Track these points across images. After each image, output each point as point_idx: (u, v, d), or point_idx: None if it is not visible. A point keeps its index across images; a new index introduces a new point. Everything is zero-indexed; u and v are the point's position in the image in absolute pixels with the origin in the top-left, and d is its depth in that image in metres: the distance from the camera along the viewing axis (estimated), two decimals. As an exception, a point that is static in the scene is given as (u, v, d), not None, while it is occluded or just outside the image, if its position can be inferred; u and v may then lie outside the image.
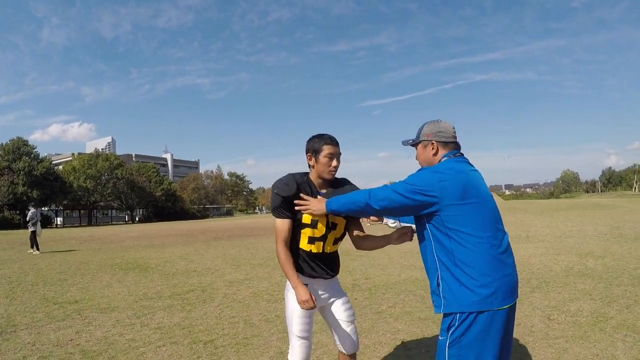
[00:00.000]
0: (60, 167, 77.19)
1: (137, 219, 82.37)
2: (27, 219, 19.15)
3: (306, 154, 3.21)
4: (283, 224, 3.07)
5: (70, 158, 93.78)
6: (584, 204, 42.70)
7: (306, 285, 3.01)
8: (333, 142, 3.13)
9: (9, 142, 63.39)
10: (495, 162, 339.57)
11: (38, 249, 18.13)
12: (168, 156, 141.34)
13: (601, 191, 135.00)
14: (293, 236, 3.13)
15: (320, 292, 3.22)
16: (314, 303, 2.90)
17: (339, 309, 3.26)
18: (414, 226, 2.88)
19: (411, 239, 3.03)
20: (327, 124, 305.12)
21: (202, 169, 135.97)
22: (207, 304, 7.41)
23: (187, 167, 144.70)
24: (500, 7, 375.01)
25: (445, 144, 2.82)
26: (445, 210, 2.49)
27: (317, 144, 3.13)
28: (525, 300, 6.83)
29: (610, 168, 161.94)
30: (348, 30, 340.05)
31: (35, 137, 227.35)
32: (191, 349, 5.20)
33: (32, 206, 22.86)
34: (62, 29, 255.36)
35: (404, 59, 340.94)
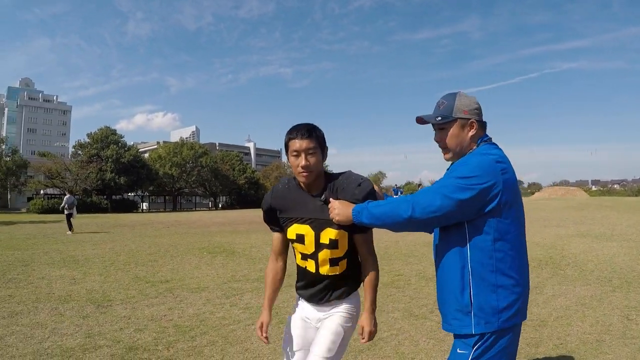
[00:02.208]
0: (146, 155, 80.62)
1: (220, 205, 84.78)
2: (63, 203, 20.94)
3: None
4: (274, 236, 2.78)
5: (156, 146, 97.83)
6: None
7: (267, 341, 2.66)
8: (299, 135, 2.45)
9: (97, 131, 67.05)
10: (581, 156, 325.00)
11: (70, 230, 19.83)
12: (251, 145, 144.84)
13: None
14: (293, 251, 2.76)
15: (309, 319, 2.74)
16: (261, 334, 2.61)
17: (318, 334, 2.63)
18: None
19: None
20: (408, 114, 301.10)
21: (284, 158, 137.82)
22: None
23: (269, 155, 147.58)
24: None
25: (483, 124, 2.41)
26: (499, 208, 2.14)
27: (285, 138, 2.52)
28: (605, 299, 6.71)
29: None
30: (431, 17, 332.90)
31: (121, 126, 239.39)
32: (278, 329, 5.29)
33: (68, 192, 24.64)
34: (146, 23, 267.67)
35: (488, 47, 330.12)
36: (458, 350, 2.25)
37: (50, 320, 5.71)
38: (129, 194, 74.44)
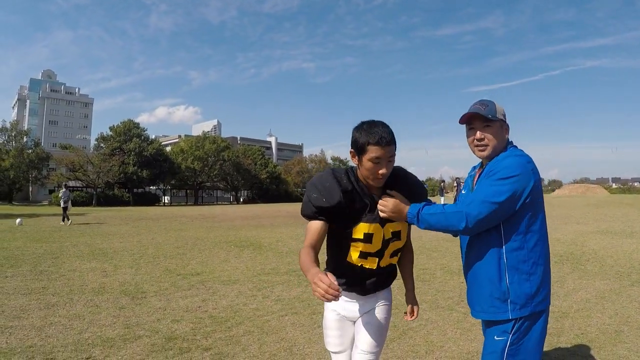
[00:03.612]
0: (168, 148, 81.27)
1: (241, 199, 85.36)
2: (60, 196, 23.13)
3: (350, 148, 2.54)
4: (314, 224, 2.47)
5: (177, 140, 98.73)
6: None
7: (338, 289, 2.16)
8: (382, 142, 2.35)
9: (120, 124, 67.87)
10: (602, 154, 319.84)
11: (63, 221, 21.52)
12: (272, 139, 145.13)
13: None
14: (340, 247, 2.60)
15: (347, 317, 2.72)
16: (331, 280, 1.98)
17: (361, 330, 2.63)
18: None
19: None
20: (431, 109, 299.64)
21: (306, 153, 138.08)
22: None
23: (290, 150, 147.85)
24: None
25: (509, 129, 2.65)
26: (529, 202, 2.37)
27: (361, 139, 2.41)
28: (624, 293, 6.96)
29: None
30: (454, 13, 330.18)
31: (142, 119, 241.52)
32: (311, 319, 5.53)
33: (64, 186, 27.20)
34: (170, 15, 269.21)
35: (510, 44, 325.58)
36: (495, 338, 2.46)
37: (87, 312, 5.86)
38: (151, 187, 75.19)
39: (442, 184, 47.65)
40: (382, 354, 4.48)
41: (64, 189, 23.77)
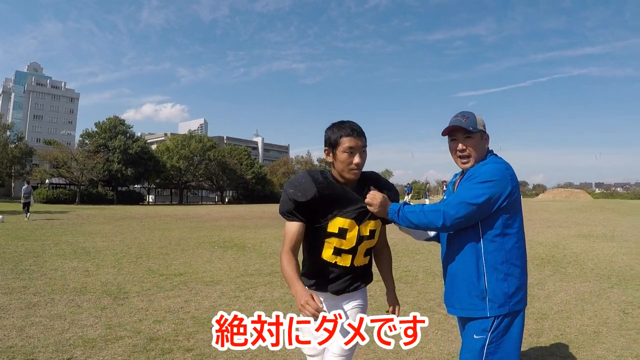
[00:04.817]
0: (154, 146, 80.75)
1: (226, 200, 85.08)
2: (22, 192, 24.21)
3: (324, 147, 2.75)
4: (292, 226, 2.59)
5: (163, 138, 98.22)
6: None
7: (325, 312, 2.33)
8: (354, 132, 2.60)
9: (106, 121, 67.09)
10: (586, 159, 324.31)
11: (26, 215, 22.67)
12: (259, 140, 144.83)
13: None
14: (314, 244, 2.70)
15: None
16: (318, 305, 2.19)
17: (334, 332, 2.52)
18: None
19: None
20: (420, 113, 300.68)
21: (292, 154, 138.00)
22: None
23: (277, 151, 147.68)
24: (602, 0, 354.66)
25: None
26: (506, 206, 2.51)
27: (334, 134, 2.63)
28: (603, 295, 7.18)
29: None
30: (446, 19, 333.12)
31: (128, 116, 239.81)
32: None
33: (27, 182, 27.89)
34: (162, 11, 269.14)
35: (501, 51, 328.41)
36: (474, 336, 2.56)
37: (69, 312, 5.86)
38: (136, 186, 74.69)
39: (427, 185, 48.33)
40: (363, 356, 4.56)
41: (26, 185, 25.08)
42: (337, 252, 2.66)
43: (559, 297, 6.99)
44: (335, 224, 2.62)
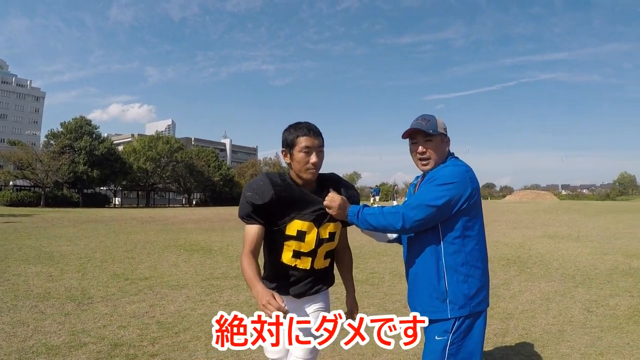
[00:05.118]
0: (120, 147, 79.66)
1: (194, 202, 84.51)
2: None
3: (282, 148, 2.77)
4: (252, 229, 2.62)
5: (130, 139, 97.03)
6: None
7: (287, 311, 2.30)
8: (310, 132, 2.64)
9: (71, 121, 65.64)
10: (552, 162, 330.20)
11: None
12: (227, 141, 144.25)
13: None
14: (274, 247, 2.75)
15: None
16: (280, 304, 2.22)
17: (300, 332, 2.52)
18: None
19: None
20: (390, 116, 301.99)
21: (260, 156, 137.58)
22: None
23: (245, 153, 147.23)
24: (571, 7, 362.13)
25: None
26: (466, 208, 2.57)
27: (291, 135, 2.67)
28: (568, 294, 7.36)
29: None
30: (416, 22, 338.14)
31: (95, 116, 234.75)
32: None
33: None
34: (131, 8, 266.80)
35: (470, 55, 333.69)
36: (436, 338, 2.61)
37: (32, 319, 5.82)
38: (102, 188, 73.66)
39: (394, 187, 48.80)
40: (329, 358, 4.65)
41: None
42: (297, 255, 2.70)
43: (524, 297, 7.16)
44: (294, 226, 2.66)
